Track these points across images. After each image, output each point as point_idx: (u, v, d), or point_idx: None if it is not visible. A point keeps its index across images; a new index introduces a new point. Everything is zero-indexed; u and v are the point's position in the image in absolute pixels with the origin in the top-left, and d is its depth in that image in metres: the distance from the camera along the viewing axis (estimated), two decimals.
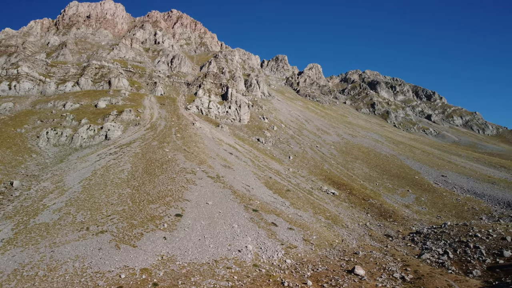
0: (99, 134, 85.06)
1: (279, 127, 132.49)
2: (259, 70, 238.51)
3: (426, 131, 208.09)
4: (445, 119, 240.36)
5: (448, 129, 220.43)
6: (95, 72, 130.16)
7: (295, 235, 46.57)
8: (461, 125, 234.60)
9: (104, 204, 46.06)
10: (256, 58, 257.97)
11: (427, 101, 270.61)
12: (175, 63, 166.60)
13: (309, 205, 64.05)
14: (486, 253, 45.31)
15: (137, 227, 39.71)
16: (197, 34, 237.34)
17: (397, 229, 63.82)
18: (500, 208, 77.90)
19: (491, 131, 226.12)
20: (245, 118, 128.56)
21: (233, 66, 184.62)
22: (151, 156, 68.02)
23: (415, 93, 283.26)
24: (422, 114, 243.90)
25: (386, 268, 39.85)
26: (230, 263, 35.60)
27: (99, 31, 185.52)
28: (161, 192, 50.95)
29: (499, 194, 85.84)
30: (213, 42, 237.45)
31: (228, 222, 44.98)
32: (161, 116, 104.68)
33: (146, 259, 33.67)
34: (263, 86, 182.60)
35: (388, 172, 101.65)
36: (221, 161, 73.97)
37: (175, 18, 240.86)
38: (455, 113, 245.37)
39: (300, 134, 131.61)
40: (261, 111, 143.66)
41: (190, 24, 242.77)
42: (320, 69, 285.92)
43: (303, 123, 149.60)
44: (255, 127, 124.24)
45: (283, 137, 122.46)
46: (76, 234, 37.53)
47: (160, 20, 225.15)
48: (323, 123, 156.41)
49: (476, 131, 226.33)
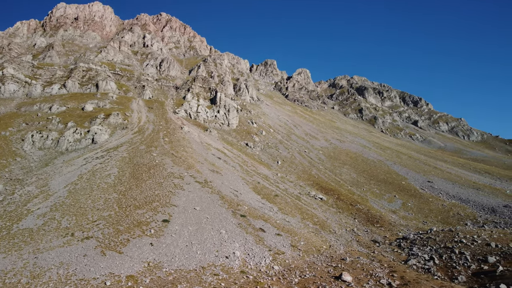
0: (85, 138, 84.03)
1: (268, 131, 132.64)
2: (248, 75, 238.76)
3: (413, 136, 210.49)
4: (431, 125, 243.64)
5: (434, 135, 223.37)
6: (82, 75, 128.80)
7: (283, 241, 46.51)
8: (447, 131, 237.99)
9: (90, 209, 45.41)
10: (245, 63, 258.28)
11: (413, 107, 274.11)
12: (163, 66, 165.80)
13: (297, 211, 64.12)
14: (471, 259, 45.84)
15: (123, 233, 39.19)
16: (186, 38, 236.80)
17: (384, 234, 64.25)
18: (485, 214, 79.00)
19: (476, 137, 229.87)
20: (233, 123, 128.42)
21: (222, 70, 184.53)
22: (139, 161, 67.41)
23: (402, 99, 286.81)
24: (409, 120, 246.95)
25: (373, 274, 39.99)
26: (217, 269, 35.34)
27: (87, 33, 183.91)
28: (148, 197, 50.46)
29: (484, 200, 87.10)
30: (202, 46, 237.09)
31: (216, 227, 44.71)
32: (149, 120, 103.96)
33: (132, 266, 33.21)
34: (252, 90, 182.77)
35: (375, 178, 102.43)
36: (209, 165, 73.68)
37: (164, 21, 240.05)
38: (441, 119, 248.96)
39: (288, 139, 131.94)
40: (250, 116, 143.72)
41: (179, 28, 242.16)
42: (308, 74, 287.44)
43: (291, 128, 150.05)
44: (243, 132, 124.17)
45: (271, 142, 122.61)
46: (61, 240, 36.87)
47: (149, 23, 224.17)
48: (311, 128, 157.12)
49: (462, 137, 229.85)
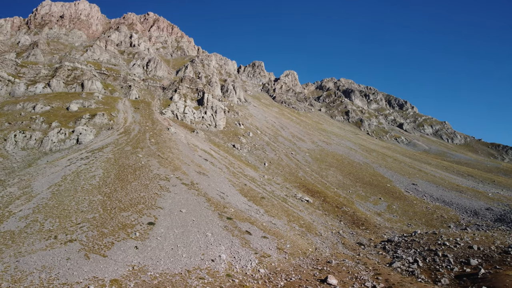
0: (70, 138, 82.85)
1: (255, 133, 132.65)
2: (235, 76, 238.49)
3: (398, 139, 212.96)
4: (416, 128, 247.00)
5: (419, 138, 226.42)
6: (67, 74, 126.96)
7: (269, 244, 46.51)
8: (431, 134, 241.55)
9: (73, 211, 44.71)
10: (233, 64, 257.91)
11: (399, 110, 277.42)
12: (150, 66, 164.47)
13: (283, 213, 64.21)
14: (454, 261, 46.53)
15: (107, 236, 38.69)
16: (173, 38, 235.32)
17: (369, 237, 64.80)
18: (467, 217, 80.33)
19: (460, 140, 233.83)
20: (221, 124, 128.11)
21: (210, 71, 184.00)
22: (124, 162, 66.69)
23: (388, 102, 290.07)
24: (395, 122, 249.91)
25: (358, 277, 40.27)
26: (203, 273, 35.13)
27: (72, 31, 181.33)
28: (134, 199, 49.94)
29: (467, 202, 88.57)
30: (190, 47, 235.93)
31: (202, 230, 44.47)
32: (135, 120, 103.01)
33: (117, 270, 32.78)
34: (239, 92, 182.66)
35: (361, 180, 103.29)
36: (196, 167, 73.31)
37: (151, 21, 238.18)
38: (425, 122, 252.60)
39: (275, 140, 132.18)
40: (237, 117, 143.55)
41: (167, 28, 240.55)
42: (296, 76, 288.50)
43: (278, 129, 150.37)
44: (231, 133, 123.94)
45: (258, 143, 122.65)
46: (44, 243, 36.21)
47: (136, 22, 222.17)
48: (298, 130, 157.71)
49: (446, 140, 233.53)
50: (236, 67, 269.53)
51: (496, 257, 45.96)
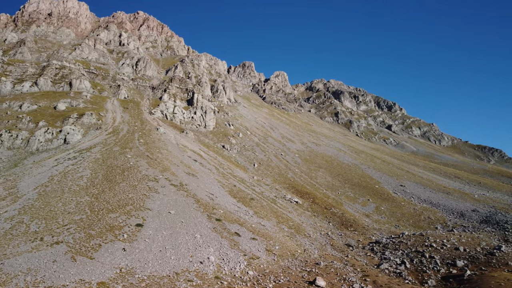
0: (57, 138, 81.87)
1: (245, 134, 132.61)
2: (225, 76, 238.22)
3: (387, 140, 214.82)
4: (405, 130, 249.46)
5: (407, 139, 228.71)
6: (55, 73, 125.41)
7: (258, 245, 46.50)
8: (419, 136, 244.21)
9: (60, 212, 44.15)
10: (223, 64, 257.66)
11: (388, 111, 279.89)
12: (140, 66, 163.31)
13: (272, 214, 64.27)
14: (440, 263, 47.11)
15: (95, 238, 38.27)
16: (163, 37, 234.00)
17: (358, 238, 65.21)
18: (454, 218, 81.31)
19: (447, 142, 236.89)
20: (210, 124, 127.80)
21: (200, 71, 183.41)
22: (112, 162, 66.09)
23: (377, 103, 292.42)
24: (383, 124, 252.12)
25: (347, 279, 40.49)
26: (191, 275, 34.96)
27: (61, 29, 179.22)
28: (122, 200, 49.49)
29: (453, 204, 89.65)
30: (180, 46, 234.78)
31: (191, 232, 44.27)
32: (124, 120, 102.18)
33: (104, 272, 32.42)
34: (229, 92, 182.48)
35: (350, 181, 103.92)
36: (185, 168, 72.99)
37: (141, 20, 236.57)
38: (414, 124, 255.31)
39: (265, 141, 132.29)
40: (227, 118, 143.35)
41: (157, 27, 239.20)
42: (286, 77, 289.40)
43: (268, 130, 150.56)
44: (220, 134, 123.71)
45: (248, 144, 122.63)
46: (29, 245, 35.66)
47: (126, 21, 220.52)
48: (288, 131, 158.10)
49: (433, 141, 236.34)
50: (226, 67, 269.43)
51: (481, 258, 46.66)
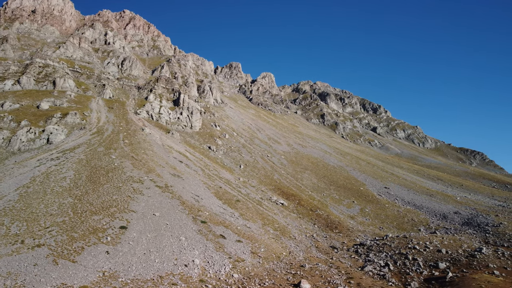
0: (40, 138, 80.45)
1: (231, 135, 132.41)
2: (212, 77, 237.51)
3: (372, 143, 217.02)
4: (389, 132, 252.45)
5: (392, 142, 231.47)
6: (38, 71, 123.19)
7: (243, 248, 46.47)
8: (403, 138, 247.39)
9: (42, 214, 43.38)
10: (210, 64, 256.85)
11: (373, 114, 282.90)
12: (125, 65, 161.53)
13: (258, 216, 64.32)
14: (423, 265, 47.75)
15: (78, 240, 37.71)
16: (150, 37, 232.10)
17: (342, 240, 65.69)
18: (437, 220, 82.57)
19: (430, 144, 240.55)
20: (196, 125, 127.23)
21: (186, 71, 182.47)
22: (96, 163, 65.25)
23: (363, 105, 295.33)
24: (368, 126, 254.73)
25: (331, 281, 40.75)
26: (175, 279, 34.72)
27: (44, 27, 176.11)
28: (106, 202, 48.90)
29: (436, 206, 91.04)
30: (167, 46, 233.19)
31: (176, 234, 43.98)
32: (109, 120, 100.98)
33: (86, 276, 31.97)
34: (216, 93, 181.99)
35: (335, 183, 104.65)
36: (171, 169, 72.50)
37: (127, 19, 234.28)
38: (398, 127, 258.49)
39: (251, 143, 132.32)
40: (213, 118, 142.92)
41: (143, 26, 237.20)
42: (273, 78, 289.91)
43: (255, 131, 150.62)
44: (206, 135, 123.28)
45: (234, 145, 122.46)
46: (10, 248, 34.93)
47: (112, 20, 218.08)
48: (274, 133, 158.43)
49: (417, 144, 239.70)
50: (213, 67, 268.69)
51: (463, 260, 47.47)
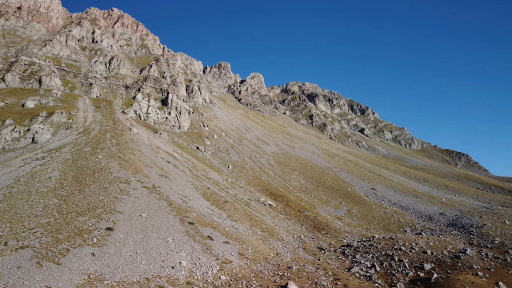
0: (25, 137, 79.18)
1: (220, 135, 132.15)
2: (201, 76, 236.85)
3: (359, 144, 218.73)
4: (377, 133, 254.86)
5: (379, 143, 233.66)
6: (24, 69, 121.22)
7: (231, 249, 46.40)
8: (390, 140, 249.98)
9: (26, 215, 42.66)
10: (199, 64, 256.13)
11: (361, 115, 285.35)
12: (113, 64, 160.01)
13: (246, 217, 64.28)
14: (409, 266, 48.27)
15: (63, 242, 37.20)
16: (138, 36, 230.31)
17: (330, 241, 66.05)
18: (422, 221, 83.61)
19: (417, 146, 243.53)
20: (185, 125, 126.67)
21: (175, 71, 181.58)
22: (83, 163, 64.48)
23: (351, 107, 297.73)
24: (356, 127, 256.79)
25: (318, 282, 40.92)
26: (162, 281, 34.49)
27: (31, 24, 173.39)
28: (92, 203, 48.34)
29: (422, 207, 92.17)
30: (155, 45, 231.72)
31: (163, 236, 43.70)
32: (96, 119, 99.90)
33: (71, 278, 31.54)
34: (204, 92, 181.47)
35: (323, 184, 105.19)
36: (158, 170, 72.03)
37: (115, 17, 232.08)
38: (385, 128, 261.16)
39: (240, 143, 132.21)
40: (202, 119, 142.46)
41: (132, 25, 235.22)
42: (262, 79, 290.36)
43: (243, 132, 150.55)
44: (195, 135, 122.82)
45: (223, 146, 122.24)
46: None
47: (100, 18, 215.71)
48: (263, 133, 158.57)
49: (404, 145, 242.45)
50: (202, 67, 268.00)
51: (448, 261, 48.14)
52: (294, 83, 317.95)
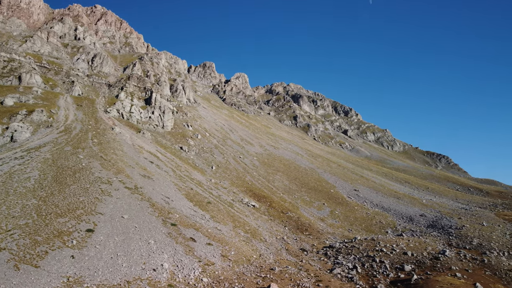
0: (3, 135, 77.30)
1: (204, 135, 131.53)
2: (185, 76, 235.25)
3: (343, 145, 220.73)
4: (360, 135, 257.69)
5: (362, 144, 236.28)
6: (3, 65, 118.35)
7: (214, 251, 46.24)
8: (373, 141, 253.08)
9: (4, 217, 41.61)
10: (184, 63, 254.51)
11: (344, 116, 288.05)
12: (96, 62, 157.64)
13: (229, 218, 64.14)
14: (390, 267, 48.94)
15: (41, 244, 36.45)
16: (122, 33, 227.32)
17: (312, 242, 66.42)
18: (403, 222, 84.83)
19: (399, 147, 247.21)
20: (168, 125, 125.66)
21: (159, 69, 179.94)
22: (63, 163, 63.30)
23: (334, 108, 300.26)
24: (340, 129, 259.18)
25: (300, 284, 41.12)
26: (143, 284, 34.12)
27: (10, 19, 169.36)
28: (72, 204, 47.49)
29: (403, 208, 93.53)
30: (139, 43, 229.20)
31: (144, 237, 43.25)
32: (77, 118, 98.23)
33: (50, 282, 30.93)
34: (189, 92, 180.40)
35: (306, 185, 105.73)
36: (141, 170, 71.27)
37: (99, 14, 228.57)
38: (368, 130, 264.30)
39: (224, 143, 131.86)
40: (186, 118, 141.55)
41: (115, 22, 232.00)
42: (246, 79, 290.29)
43: (227, 132, 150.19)
44: (178, 135, 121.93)
45: (207, 146, 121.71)
46: None
47: (82, 14, 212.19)
48: (247, 134, 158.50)
49: (386, 147, 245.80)
50: (187, 66, 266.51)
51: (427, 263, 49.00)
52: (279, 83, 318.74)
